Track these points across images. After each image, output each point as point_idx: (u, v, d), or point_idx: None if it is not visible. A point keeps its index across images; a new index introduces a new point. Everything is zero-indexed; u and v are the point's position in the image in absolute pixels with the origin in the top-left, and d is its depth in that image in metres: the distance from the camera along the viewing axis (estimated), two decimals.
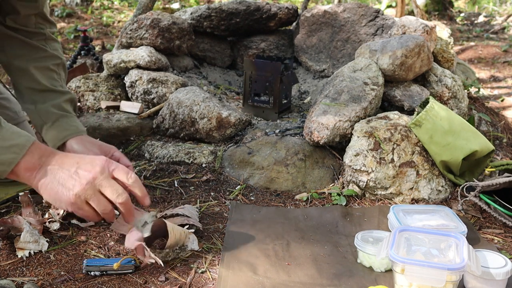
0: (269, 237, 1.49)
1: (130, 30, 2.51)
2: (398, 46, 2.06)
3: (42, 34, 1.68)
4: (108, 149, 1.57)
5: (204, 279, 1.27)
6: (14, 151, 1.14)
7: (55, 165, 1.17)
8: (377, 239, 1.40)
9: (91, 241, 1.43)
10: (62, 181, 1.15)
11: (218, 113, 2.06)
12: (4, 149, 1.13)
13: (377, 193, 1.76)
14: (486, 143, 1.77)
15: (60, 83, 1.70)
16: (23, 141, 1.16)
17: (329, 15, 2.71)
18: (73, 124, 1.63)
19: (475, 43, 5.38)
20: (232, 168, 1.90)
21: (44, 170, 1.16)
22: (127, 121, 2.20)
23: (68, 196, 1.14)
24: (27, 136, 1.17)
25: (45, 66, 1.66)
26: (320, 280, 1.29)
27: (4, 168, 1.14)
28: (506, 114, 2.90)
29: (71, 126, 1.61)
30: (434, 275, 1.13)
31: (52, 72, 1.68)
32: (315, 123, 1.87)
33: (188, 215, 1.52)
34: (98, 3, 6.95)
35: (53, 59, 1.69)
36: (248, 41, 2.87)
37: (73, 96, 1.71)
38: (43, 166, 1.17)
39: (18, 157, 1.14)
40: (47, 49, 1.69)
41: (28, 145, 1.15)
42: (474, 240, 1.48)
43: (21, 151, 1.14)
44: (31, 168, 1.16)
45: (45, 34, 1.69)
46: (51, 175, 1.16)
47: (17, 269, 1.28)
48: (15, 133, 1.17)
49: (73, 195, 1.14)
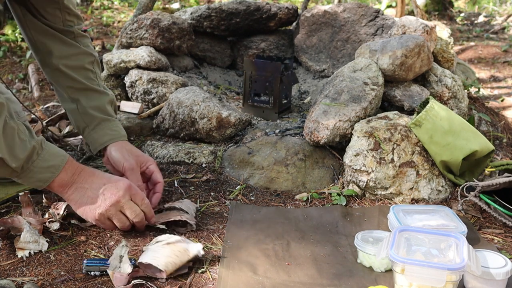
0: (269, 237, 1.49)
1: (130, 30, 2.51)
2: (398, 46, 2.06)
3: (71, 32, 1.68)
4: (145, 160, 1.62)
5: (204, 279, 1.27)
6: (51, 171, 1.32)
7: (85, 184, 1.37)
8: (377, 239, 1.40)
9: (91, 241, 1.43)
10: (90, 200, 1.36)
11: (218, 113, 2.06)
12: (44, 169, 1.31)
13: (377, 193, 1.76)
14: (486, 143, 1.77)
15: (97, 82, 1.71)
16: (59, 161, 1.33)
17: (329, 15, 2.71)
18: (115, 129, 1.66)
19: (475, 43, 5.38)
20: (232, 168, 1.90)
21: (75, 187, 1.36)
22: (127, 121, 2.20)
23: (94, 213, 1.37)
24: (62, 156, 1.35)
25: (81, 65, 1.68)
26: (320, 280, 1.29)
27: (41, 184, 1.33)
28: (506, 114, 2.90)
29: (112, 131, 1.65)
30: (434, 275, 1.13)
31: (88, 71, 1.70)
32: (315, 123, 1.87)
33: (184, 209, 1.53)
34: (98, 3, 6.94)
35: (87, 57, 1.70)
36: (248, 41, 2.87)
37: (113, 97, 1.74)
38: (74, 183, 1.36)
39: (54, 176, 1.32)
40: (80, 46, 1.69)
41: (63, 164, 1.33)
42: (474, 240, 1.48)
43: (57, 171, 1.32)
44: (63, 184, 1.35)
45: (74, 32, 1.69)
46: (81, 192, 1.36)
47: (17, 269, 1.28)
48: (54, 154, 1.33)
49: (98, 214, 1.36)
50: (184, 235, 1.47)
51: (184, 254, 1.28)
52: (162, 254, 1.26)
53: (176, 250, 1.28)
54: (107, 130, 1.65)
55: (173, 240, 1.31)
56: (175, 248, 1.28)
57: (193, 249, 1.30)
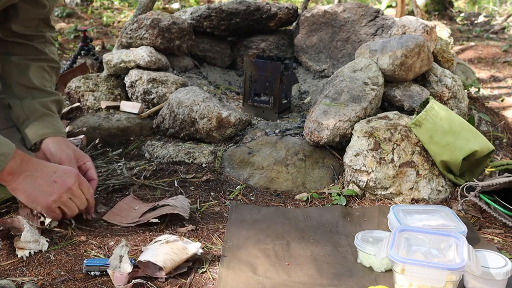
0: (269, 237, 1.49)
1: (130, 30, 2.51)
2: (398, 46, 2.06)
3: (42, 36, 1.71)
4: (82, 156, 1.61)
5: (204, 279, 1.27)
6: (1, 159, 1.31)
7: (35, 172, 1.38)
8: (377, 239, 1.40)
9: (91, 241, 1.43)
10: (42, 188, 1.38)
11: (218, 113, 2.07)
12: None
13: (377, 193, 1.76)
14: (486, 143, 1.77)
15: (50, 85, 1.71)
16: (7, 149, 1.33)
17: (329, 15, 2.71)
18: (56, 124, 1.64)
19: (475, 43, 5.38)
20: (232, 168, 1.90)
21: (24, 175, 1.37)
22: (127, 121, 2.20)
23: (47, 200, 1.38)
24: (10, 144, 1.34)
25: (41, 66, 1.69)
26: (320, 280, 1.29)
27: None
28: (506, 114, 2.90)
29: (53, 126, 1.62)
30: (434, 275, 1.13)
31: (46, 73, 1.70)
32: (315, 123, 1.87)
33: (177, 205, 1.54)
34: (98, 3, 6.95)
35: (50, 62, 1.72)
36: (248, 41, 2.87)
37: (61, 98, 1.72)
38: (23, 172, 1.36)
39: (4, 164, 1.32)
40: (47, 52, 1.71)
41: (12, 152, 1.33)
42: (474, 240, 1.48)
43: (6, 159, 1.32)
44: (13, 172, 1.35)
45: (46, 37, 1.72)
46: (31, 180, 1.37)
47: (17, 269, 1.28)
48: (1, 142, 1.33)
49: (52, 201, 1.38)
50: (185, 235, 1.48)
51: (182, 252, 1.29)
52: (161, 252, 1.26)
53: (175, 248, 1.28)
54: (48, 124, 1.62)
55: (172, 239, 1.32)
56: (174, 246, 1.29)
57: (191, 247, 1.30)
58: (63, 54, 4.11)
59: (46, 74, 1.70)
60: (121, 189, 1.76)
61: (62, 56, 4.01)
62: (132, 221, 1.52)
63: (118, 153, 2.03)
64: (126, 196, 1.69)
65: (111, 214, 1.57)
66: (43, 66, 1.69)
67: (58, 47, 4.27)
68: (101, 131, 2.13)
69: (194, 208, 1.65)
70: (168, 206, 1.54)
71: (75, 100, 2.39)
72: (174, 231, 1.49)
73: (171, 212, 1.52)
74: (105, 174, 1.82)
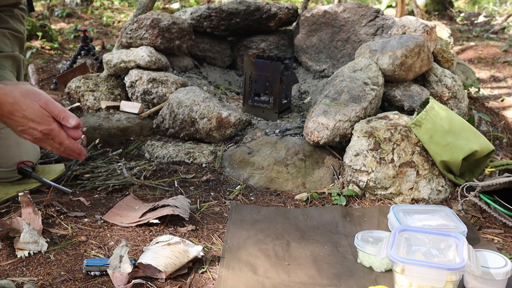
0: (269, 237, 1.49)
1: (130, 30, 2.51)
2: (398, 46, 2.06)
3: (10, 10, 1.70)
4: None
5: (204, 279, 1.27)
6: None
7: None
8: (377, 239, 1.40)
9: (91, 241, 1.43)
10: None
11: (218, 113, 2.06)
12: None
13: (377, 193, 1.76)
14: (486, 143, 1.77)
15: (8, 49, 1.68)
16: None
17: (329, 15, 2.71)
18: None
19: (475, 43, 5.38)
20: (232, 168, 1.90)
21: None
22: (127, 121, 2.19)
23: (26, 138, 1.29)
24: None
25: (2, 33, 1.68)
26: (320, 280, 1.29)
27: None
28: (506, 114, 2.90)
29: None
30: (434, 275, 1.13)
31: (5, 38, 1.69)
32: (315, 123, 1.87)
33: (177, 206, 1.53)
34: (98, 3, 6.94)
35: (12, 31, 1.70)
36: (248, 41, 2.87)
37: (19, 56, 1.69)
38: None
39: None
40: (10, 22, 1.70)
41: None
42: (474, 240, 1.48)
43: None
44: None
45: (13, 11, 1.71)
46: None
47: (17, 269, 1.28)
48: None
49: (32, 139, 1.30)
50: (185, 235, 1.48)
51: (184, 255, 1.28)
52: (162, 255, 1.26)
53: (176, 251, 1.28)
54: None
55: (174, 241, 1.31)
56: (175, 249, 1.29)
57: (193, 250, 1.30)
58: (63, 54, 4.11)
59: (5, 39, 1.69)
60: (121, 189, 1.76)
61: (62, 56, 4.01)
62: (132, 221, 1.52)
63: (118, 153, 2.03)
64: (126, 196, 1.69)
65: (111, 214, 1.57)
66: (3, 32, 1.68)
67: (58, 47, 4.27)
68: (101, 131, 2.12)
69: (194, 208, 1.65)
70: (168, 207, 1.54)
71: (75, 100, 2.39)
72: (174, 231, 1.49)
73: (171, 213, 1.51)
74: (105, 174, 1.82)
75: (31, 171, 1.69)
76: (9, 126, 1.30)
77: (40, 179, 1.68)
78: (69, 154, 1.35)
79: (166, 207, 1.54)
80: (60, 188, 1.66)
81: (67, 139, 1.32)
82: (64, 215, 1.56)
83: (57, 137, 1.31)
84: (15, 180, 1.71)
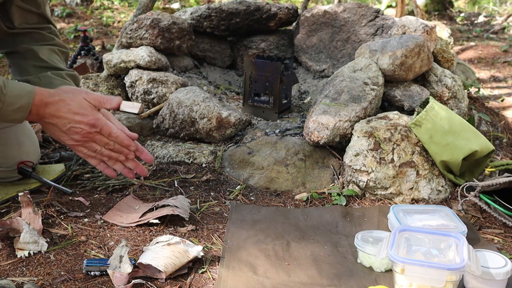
0: (269, 237, 1.49)
1: (130, 30, 2.51)
2: (398, 46, 2.06)
3: (48, 28, 1.70)
4: None
5: (204, 279, 1.27)
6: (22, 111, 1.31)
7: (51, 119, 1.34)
8: (377, 239, 1.40)
9: (91, 241, 1.43)
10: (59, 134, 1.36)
11: (218, 113, 2.06)
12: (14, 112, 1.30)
13: (377, 193, 1.76)
14: (486, 143, 1.77)
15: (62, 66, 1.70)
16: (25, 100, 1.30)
17: (329, 15, 2.71)
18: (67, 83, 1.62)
19: (475, 43, 5.38)
20: (232, 168, 1.90)
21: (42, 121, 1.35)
22: (127, 121, 2.19)
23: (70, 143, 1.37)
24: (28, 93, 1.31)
25: (51, 49, 1.69)
26: (320, 280, 1.29)
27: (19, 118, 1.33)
28: (506, 114, 2.90)
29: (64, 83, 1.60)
30: (434, 275, 1.13)
31: (57, 55, 1.70)
32: (315, 123, 1.87)
33: (177, 206, 1.53)
34: (98, 3, 6.94)
35: (60, 46, 1.72)
36: (248, 41, 2.87)
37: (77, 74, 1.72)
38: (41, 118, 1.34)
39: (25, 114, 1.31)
40: (55, 38, 1.72)
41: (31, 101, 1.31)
42: (474, 240, 1.49)
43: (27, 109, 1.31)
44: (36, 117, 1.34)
45: (51, 28, 1.72)
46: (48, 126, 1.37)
47: (17, 269, 1.28)
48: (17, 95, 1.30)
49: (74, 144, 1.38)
50: (185, 235, 1.48)
51: (184, 255, 1.28)
52: (162, 255, 1.26)
53: (176, 252, 1.28)
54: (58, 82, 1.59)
55: (174, 241, 1.31)
56: (175, 249, 1.29)
57: (193, 250, 1.30)
58: None
59: (57, 56, 1.70)
60: (121, 189, 1.76)
61: None
62: (132, 221, 1.52)
63: None
64: (126, 196, 1.69)
65: (111, 214, 1.57)
66: (54, 49, 1.69)
67: None
68: None
69: (194, 208, 1.65)
70: (168, 207, 1.54)
71: None
72: (174, 231, 1.49)
73: (171, 213, 1.51)
74: (105, 174, 1.82)
75: (31, 171, 1.69)
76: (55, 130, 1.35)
77: (40, 179, 1.68)
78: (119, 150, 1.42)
79: (166, 207, 1.54)
80: (60, 188, 1.66)
81: (114, 127, 1.39)
82: (64, 215, 1.56)
83: (104, 126, 1.37)
84: (15, 180, 1.71)
